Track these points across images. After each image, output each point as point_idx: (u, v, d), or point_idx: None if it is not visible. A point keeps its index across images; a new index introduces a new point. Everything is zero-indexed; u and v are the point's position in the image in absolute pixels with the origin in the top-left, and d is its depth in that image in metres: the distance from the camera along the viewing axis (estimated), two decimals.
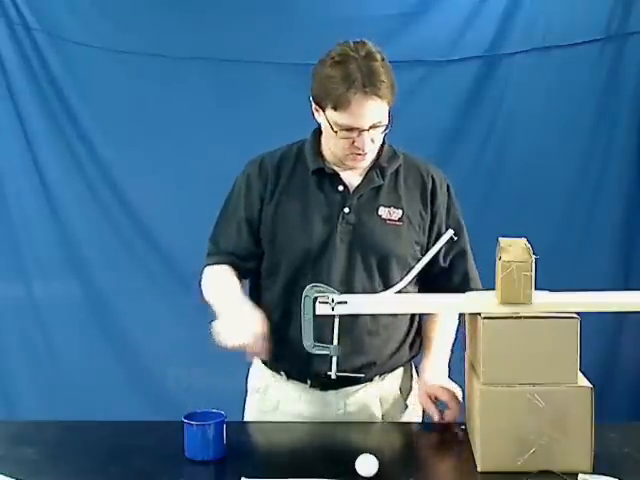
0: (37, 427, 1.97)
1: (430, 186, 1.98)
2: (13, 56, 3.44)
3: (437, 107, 3.44)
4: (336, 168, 1.95)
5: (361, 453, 1.62)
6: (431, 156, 3.37)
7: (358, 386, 1.97)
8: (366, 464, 1.60)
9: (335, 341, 1.70)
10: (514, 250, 1.60)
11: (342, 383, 1.93)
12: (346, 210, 1.92)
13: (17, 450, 1.77)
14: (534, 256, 1.58)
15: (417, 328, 2.06)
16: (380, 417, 1.99)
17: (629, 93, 3.41)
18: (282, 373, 2.00)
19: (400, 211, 1.93)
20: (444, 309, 1.89)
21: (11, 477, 1.59)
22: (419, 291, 1.99)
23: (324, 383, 1.92)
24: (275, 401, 2.02)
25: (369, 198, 1.94)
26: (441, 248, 1.85)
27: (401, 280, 1.80)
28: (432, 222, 1.98)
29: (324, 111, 1.85)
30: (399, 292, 1.79)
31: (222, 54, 3.41)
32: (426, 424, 1.95)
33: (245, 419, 2.08)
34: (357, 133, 1.82)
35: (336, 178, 1.94)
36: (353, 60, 1.79)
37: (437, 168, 2.04)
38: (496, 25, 3.42)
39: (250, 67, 3.36)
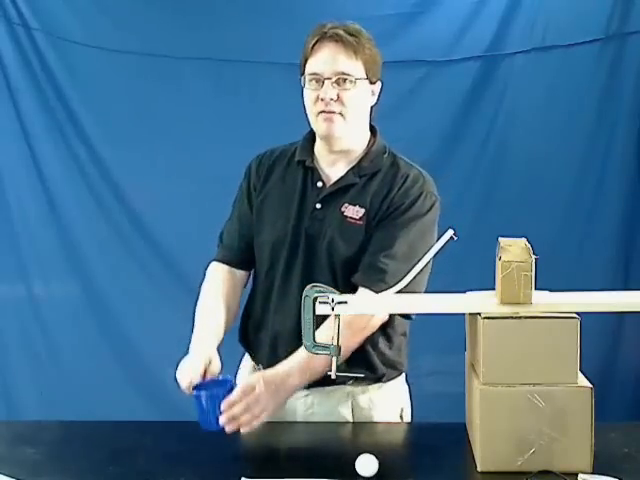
0: (37, 427, 1.97)
1: (399, 183, 1.92)
2: (13, 56, 3.45)
3: (437, 107, 3.45)
4: (323, 163, 1.96)
5: (361, 453, 1.62)
6: (431, 156, 3.42)
7: (329, 388, 1.94)
8: (366, 464, 1.60)
9: (335, 341, 1.70)
10: (514, 250, 1.60)
11: (312, 384, 1.91)
12: (318, 206, 1.93)
13: (17, 450, 1.77)
14: (534, 256, 1.58)
15: (404, 341, 2.05)
16: (351, 420, 1.99)
17: (629, 93, 3.41)
18: (260, 367, 2.03)
19: (363, 210, 1.91)
20: (445, 309, 1.89)
21: (11, 477, 1.59)
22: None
23: None
24: None
25: (338, 195, 1.93)
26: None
27: (401, 280, 1.80)
28: (379, 213, 1.90)
29: (304, 74, 1.89)
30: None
31: (221, 54, 3.41)
32: (426, 424, 1.95)
33: None
34: (321, 83, 1.85)
35: (316, 173, 1.96)
36: (333, 22, 1.89)
37: (426, 177, 1.96)
38: (496, 25, 3.43)
39: (249, 67, 3.36)
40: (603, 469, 1.59)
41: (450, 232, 1.78)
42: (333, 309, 1.66)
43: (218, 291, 2.02)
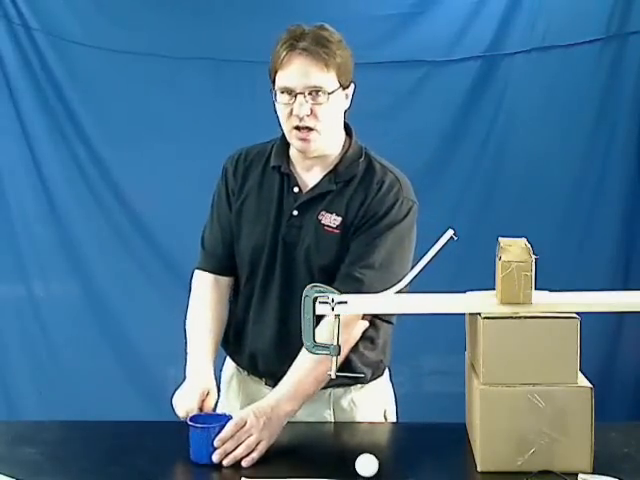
0: (37, 427, 1.97)
1: (375, 190, 1.89)
2: (13, 56, 3.44)
3: (437, 107, 3.44)
4: (299, 168, 1.94)
5: (361, 453, 1.62)
6: (431, 156, 3.42)
7: None
8: (366, 464, 1.60)
9: (335, 341, 1.70)
10: (514, 250, 1.60)
11: None
12: (295, 213, 1.92)
13: (17, 450, 1.77)
14: (534, 256, 1.58)
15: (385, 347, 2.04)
16: (332, 421, 1.98)
17: (629, 93, 3.41)
18: (241, 369, 2.04)
19: (340, 219, 1.89)
20: (445, 309, 1.89)
21: (11, 477, 1.59)
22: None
23: (277, 382, 1.91)
24: (237, 394, 2.05)
25: (315, 202, 1.91)
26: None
27: (401, 280, 1.80)
28: (357, 221, 1.88)
29: (275, 85, 1.86)
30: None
31: (222, 54, 3.41)
32: (426, 424, 1.95)
33: (217, 410, 2.07)
34: (294, 98, 1.82)
35: (292, 179, 1.94)
36: (302, 29, 1.84)
37: (402, 182, 1.92)
38: (496, 25, 3.42)
39: (250, 67, 3.36)
40: (603, 469, 1.59)
41: (450, 232, 1.78)
42: (333, 309, 1.67)
43: (207, 307, 2.01)
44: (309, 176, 1.95)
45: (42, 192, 3.50)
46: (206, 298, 2.02)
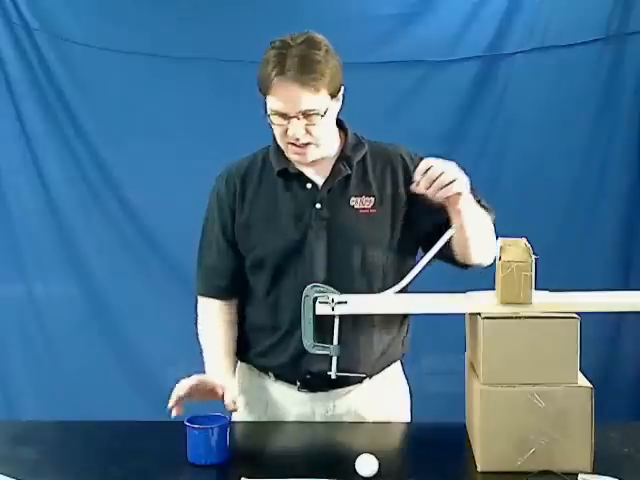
0: (37, 427, 1.97)
1: (401, 166, 1.95)
2: (13, 56, 3.45)
3: (437, 107, 3.44)
4: (301, 167, 1.94)
5: (361, 453, 1.62)
6: (431, 156, 3.41)
7: (348, 388, 1.95)
8: (366, 464, 1.60)
9: (335, 341, 1.70)
10: (514, 250, 1.61)
11: (332, 385, 1.91)
12: (318, 206, 1.90)
13: (17, 450, 1.77)
14: (534, 256, 1.58)
15: (407, 326, 2.04)
16: (370, 419, 1.98)
17: (629, 93, 3.41)
18: (270, 374, 1.99)
19: (372, 198, 1.91)
20: (445, 309, 1.89)
21: (11, 477, 1.59)
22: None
23: (313, 385, 1.92)
24: (263, 402, 2.01)
25: (339, 190, 1.92)
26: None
27: (401, 280, 1.80)
28: (414, 198, 1.90)
29: (265, 98, 1.85)
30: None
31: (222, 54, 3.41)
32: (426, 424, 1.95)
33: (233, 419, 2.07)
34: (287, 120, 1.81)
35: (302, 177, 1.93)
36: (289, 47, 1.79)
37: (406, 148, 2.01)
38: (496, 25, 3.43)
39: (250, 67, 3.33)
40: (603, 469, 1.59)
41: (450, 232, 1.78)
42: (333, 309, 1.67)
43: (220, 328, 2.00)
44: (313, 171, 1.94)
45: (42, 192, 3.50)
46: (216, 322, 2.01)
